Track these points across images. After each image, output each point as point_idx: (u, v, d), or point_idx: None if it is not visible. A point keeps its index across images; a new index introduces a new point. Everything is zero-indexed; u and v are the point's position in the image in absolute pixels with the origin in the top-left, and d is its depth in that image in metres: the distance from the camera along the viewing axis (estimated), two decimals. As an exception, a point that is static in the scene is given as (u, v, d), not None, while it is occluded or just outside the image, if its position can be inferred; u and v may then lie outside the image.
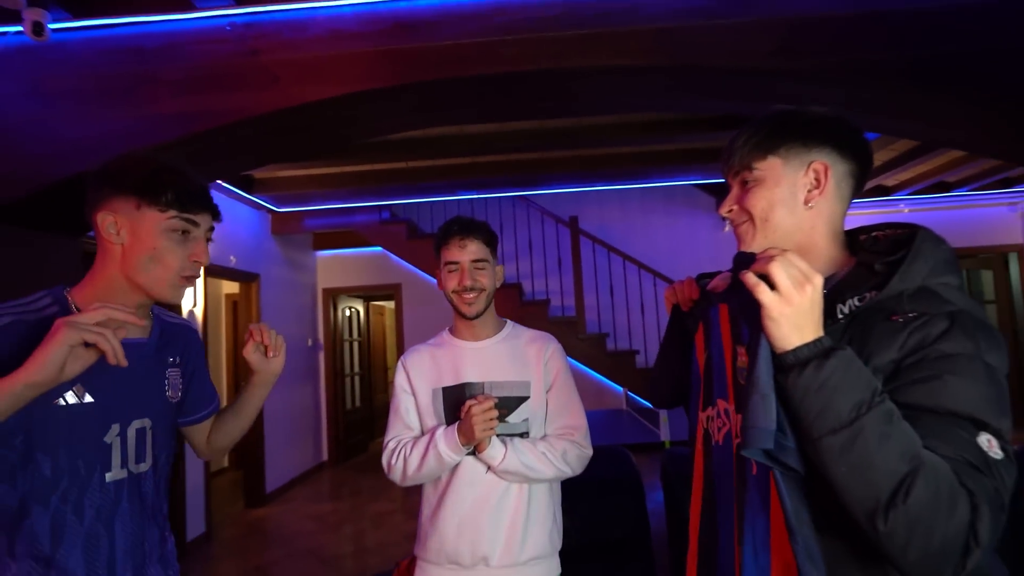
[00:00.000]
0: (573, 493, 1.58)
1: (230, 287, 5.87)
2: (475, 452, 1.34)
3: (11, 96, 2.23)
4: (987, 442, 0.68)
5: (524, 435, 1.40)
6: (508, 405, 1.39)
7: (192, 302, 4.16)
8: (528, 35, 2.08)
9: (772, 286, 0.70)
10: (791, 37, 2.03)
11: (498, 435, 1.33)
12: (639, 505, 2.33)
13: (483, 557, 1.35)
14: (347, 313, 7.15)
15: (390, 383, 8.98)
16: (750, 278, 0.71)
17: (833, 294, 0.81)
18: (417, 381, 1.45)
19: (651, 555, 2.29)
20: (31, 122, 2.22)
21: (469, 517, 1.36)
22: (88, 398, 0.96)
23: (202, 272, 4.27)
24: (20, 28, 2.14)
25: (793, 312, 0.69)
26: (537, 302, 5.67)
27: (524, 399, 1.41)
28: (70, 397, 0.93)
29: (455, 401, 1.38)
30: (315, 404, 6.40)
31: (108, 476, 0.98)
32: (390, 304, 8.61)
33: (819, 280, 0.70)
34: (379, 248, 6.17)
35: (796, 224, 0.85)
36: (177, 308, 3.19)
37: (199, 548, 4.09)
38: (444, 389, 1.42)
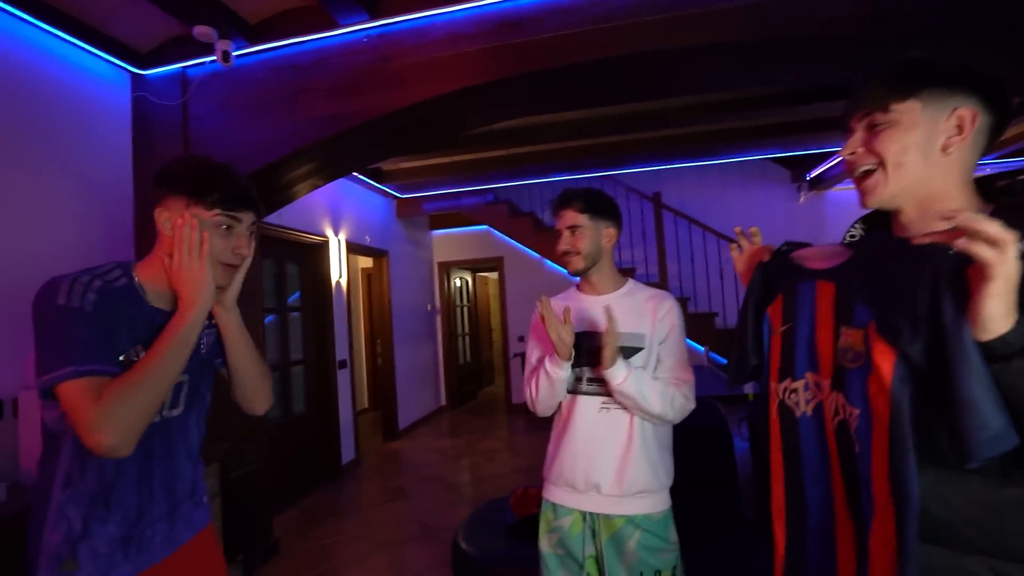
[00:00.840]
0: (674, 437, 1.56)
1: (364, 262, 6.24)
2: (593, 378, 1.35)
3: (208, 113, 2.47)
4: None
5: None
6: (623, 354, 1.38)
7: (338, 273, 4.47)
8: (622, 22, 2.01)
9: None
10: (879, 3, 1.81)
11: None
12: (728, 448, 2.32)
13: (595, 484, 1.36)
14: (457, 283, 7.39)
15: (495, 342, 9.27)
16: (984, 250, 0.55)
17: None
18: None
19: (738, 490, 2.28)
20: (221, 132, 2.45)
21: (583, 448, 1.38)
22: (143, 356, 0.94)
23: (344, 248, 4.57)
24: (213, 57, 2.37)
25: (1012, 288, 0.55)
26: (624, 270, 5.54)
27: (638, 349, 1.38)
28: (132, 356, 0.93)
29: (580, 347, 1.39)
30: (434, 358, 6.71)
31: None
32: (493, 275, 8.79)
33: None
34: (484, 226, 6.30)
35: (930, 171, 0.73)
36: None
37: (350, 471, 4.47)
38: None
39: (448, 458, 4.78)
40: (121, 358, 0.92)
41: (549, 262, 6.17)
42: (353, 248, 4.77)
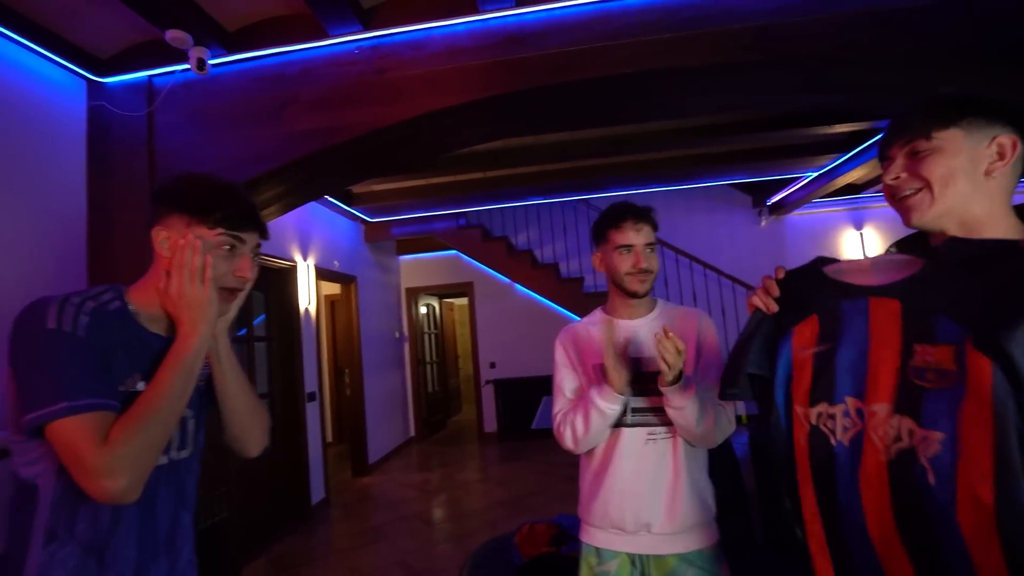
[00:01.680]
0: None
1: (328, 289, 5.95)
2: (639, 408, 1.25)
3: (178, 124, 2.25)
4: None
5: None
6: None
7: (307, 300, 4.21)
8: (630, 40, 1.97)
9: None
10: (882, 27, 1.86)
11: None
12: (735, 470, 2.26)
13: (645, 524, 1.25)
14: (424, 310, 7.19)
15: (460, 368, 9.06)
16: None
17: None
18: (578, 357, 1.36)
19: (748, 513, 2.23)
20: (194, 144, 2.24)
21: (630, 485, 1.27)
22: (141, 386, 0.84)
23: (314, 274, 4.32)
24: (185, 66, 2.17)
25: None
26: (589, 292, 5.55)
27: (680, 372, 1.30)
28: (130, 386, 0.83)
29: None
30: (402, 387, 6.44)
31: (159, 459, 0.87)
32: (459, 301, 8.63)
33: None
34: (453, 251, 6.17)
35: (975, 193, 0.75)
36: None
37: (321, 512, 4.13)
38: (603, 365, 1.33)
39: (424, 493, 4.52)
40: (120, 388, 0.82)
41: (520, 287, 6.08)
42: (322, 274, 4.52)
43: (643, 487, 1.26)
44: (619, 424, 1.29)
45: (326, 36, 2.17)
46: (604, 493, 1.29)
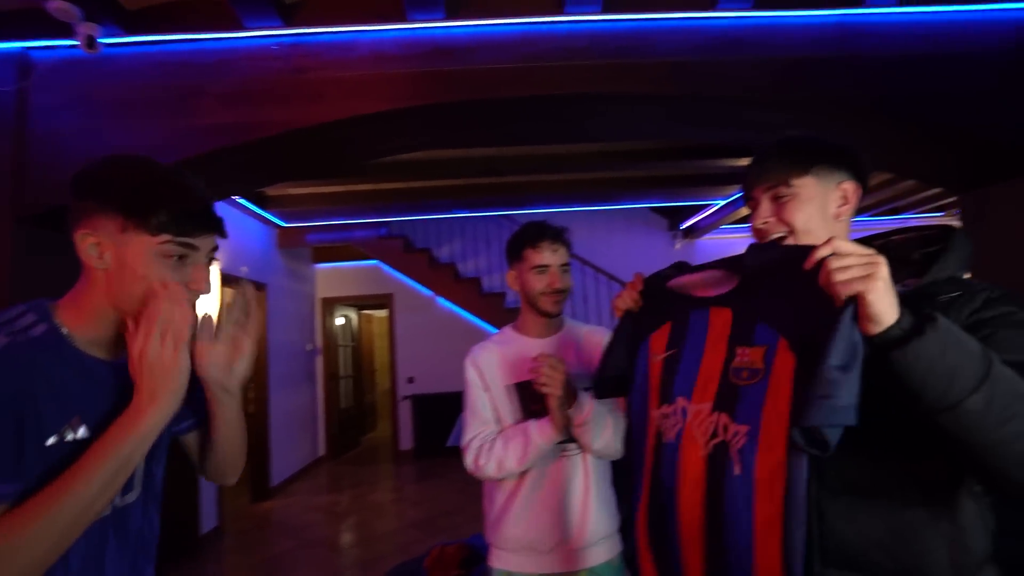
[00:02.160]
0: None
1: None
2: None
3: (60, 107, 2.02)
4: None
5: None
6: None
7: (208, 308, 3.89)
8: (554, 63, 2.04)
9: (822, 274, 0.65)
10: (781, 73, 2.06)
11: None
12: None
13: (559, 541, 1.27)
14: (341, 321, 6.92)
15: (377, 383, 8.77)
16: (852, 251, 0.64)
17: None
18: (491, 378, 1.35)
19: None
20: (79, 132, 2.02)
21: (546, 503, 1.28)
22: (83, 432, 0.70)
23: (219, 281, 4.01)
24: (72, 42, 1.96)
25: (891, 285, 0.64)
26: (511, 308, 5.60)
27: (589, 389, 1.34)
28: (67, 434, 0.69)
29: (531, 395, 1.29)
30: (312, 404, 6.12)
31: None
32: (378, 313, 8.39)
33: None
34: (373, 261, 6.01)
35: (827, 233, 0.83)
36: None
37: (211, 543, 3.79)
38: (518, 385, 1.33)
39: (332, 516, 4.29)
40: (51, 441, 0.66)
41: (442, 300, 6.02)
42: (227, 280, 4.22)
43: (557, 504, 1.28)
44: None
45: (241, 28, 2.05)
46: (519, 513, 1.29)
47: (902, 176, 3.70)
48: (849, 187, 0.84)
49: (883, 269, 0.63)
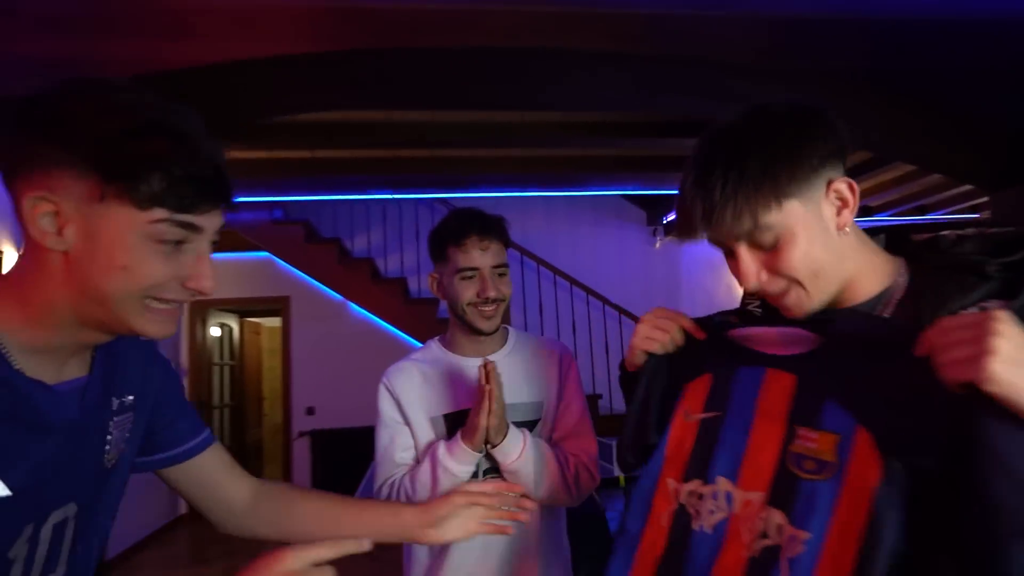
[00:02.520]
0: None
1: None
2: (491, 467, 1.28)
3: None
4: None
5: None
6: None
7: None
8: (507, 7, 2.07)
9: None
10: (777, 35, 2.17)
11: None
12: (604, 538, 2.45)
13: None
14: (217, 332, 6.73)
15: (265, 415, 8.54)
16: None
17: (918, 306, 0.78)
18: (410, 408, 1.34)
19: None
20: None
21: (482, 558, 1.29)
22: (3, 490, 0.65)
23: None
24: None
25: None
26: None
27: (536, 422, 1.36)
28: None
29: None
30: (175, 443, 5.89)
31: None
32: (270, 321, 8.18)
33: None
34: (263, 253, 5.87)
35: (839, 256, 0.80)
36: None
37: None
38: (446, 416, 1.33)
39: (196, 596, 4.14)
40: None
41: (355, 306, 5.95)
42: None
43: (497, 557, 1.30)
44: None
45: (81, -68, 1.96)
46: (447, 568, 1.30)
47: (923, 168, 3.97)
48: (843, 186, 0.77)
49: (998, 339, 0.58)
